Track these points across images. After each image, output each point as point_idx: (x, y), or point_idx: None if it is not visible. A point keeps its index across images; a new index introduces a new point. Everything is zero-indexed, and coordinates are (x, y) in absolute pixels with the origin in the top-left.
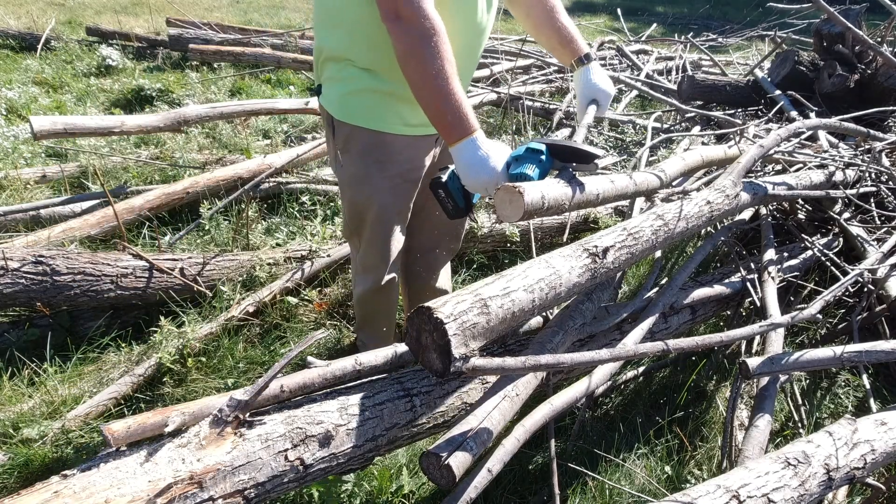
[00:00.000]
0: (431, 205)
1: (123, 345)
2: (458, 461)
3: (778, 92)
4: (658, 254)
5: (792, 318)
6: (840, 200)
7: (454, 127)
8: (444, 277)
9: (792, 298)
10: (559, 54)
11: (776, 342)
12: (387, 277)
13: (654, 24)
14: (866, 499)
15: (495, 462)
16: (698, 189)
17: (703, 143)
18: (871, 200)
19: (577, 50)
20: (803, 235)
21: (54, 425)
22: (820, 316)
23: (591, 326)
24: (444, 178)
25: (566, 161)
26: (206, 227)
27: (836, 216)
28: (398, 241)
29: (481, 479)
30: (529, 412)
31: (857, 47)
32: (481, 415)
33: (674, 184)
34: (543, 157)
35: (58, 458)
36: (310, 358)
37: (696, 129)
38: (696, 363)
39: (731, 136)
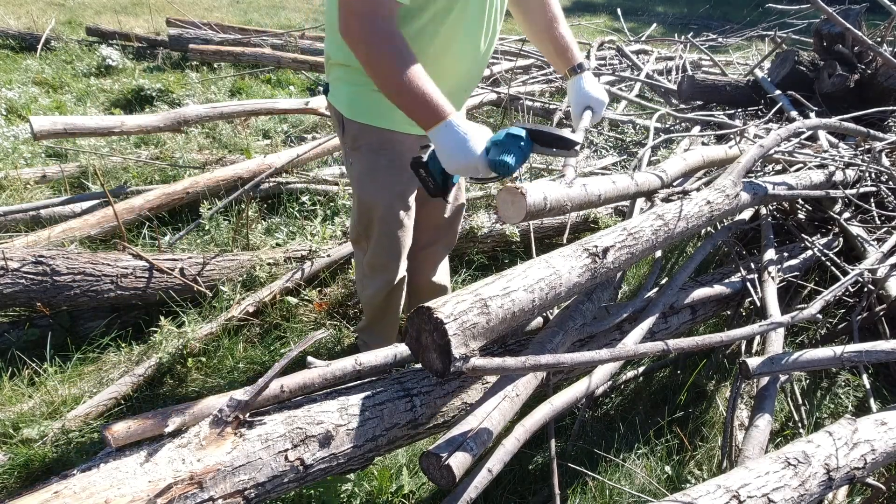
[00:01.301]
0: (432, 202)
1: (123, 345)
2: (458, 461)
3: (778, 92)
4: (658, 254)
5: (792, 318)
6: (840, 200)
7: (427, 117)
8: (443, 273)
9: (792, 298)
10: (554, 62)
11: (776, 342)
12: (398, 276)
13: (654, 24)
14: (866, 499)
15: (495, 462)
16: (698, 189)
17: (703, 144)
18: (871, 200)
19: (571, 59)
20: (803, 235)
21: (54, 425)
22: (820, 316)
23: (591, 326)
24: (425, 157)
25: (547, 146)
26: (206, 227)
27: (836, 216)
28: (406, 238)
29: (481, 479)
30: (529, 412)
31: (856, 47)
32: (481, 415)
33: (674, 184)
34: (523, 142)
35: (58, 458)
36: (310, 358)
37: (697, 130)
38: (696, 363)
39: (732, 136)
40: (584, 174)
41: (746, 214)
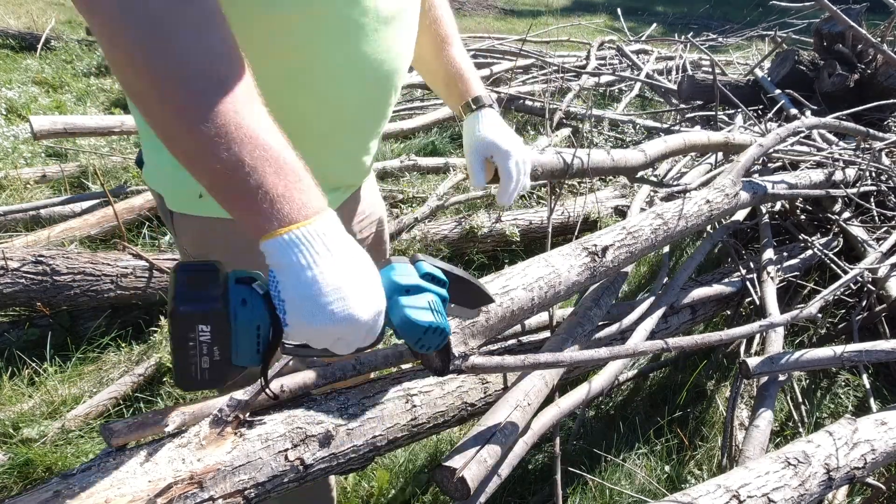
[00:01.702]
0: None
1: (123, 345)
2: (473, 474)
3: (778, 91)
4: (666, 249)
5: (792, 318)
6: (840, 200)
7: (258, 211)
8: None
9: (792, 298)
10: (445, 95)
11: (776, 342)
12: None
13: (654, 24)
14: (866, 499)
15: (504, 467)
16: (698, 188)
17: None
18: (871, 200)
19: (466, 91)
20: (803, 235)
21: (54, 425)
22: (820, 315)
23: (598, 332)
24: (244, 293)
25: (454, 300)
26: None
27: (835, 216)
28: None
29: (491, 486)
30: (535, 415)
31: (857, 47)
32: (494, 427)
33: (673, 183)
34: (446, 289)
35: (58, 458)
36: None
37: (697, 129)
38: (696, 363)
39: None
40: None
41: (746, 214)
